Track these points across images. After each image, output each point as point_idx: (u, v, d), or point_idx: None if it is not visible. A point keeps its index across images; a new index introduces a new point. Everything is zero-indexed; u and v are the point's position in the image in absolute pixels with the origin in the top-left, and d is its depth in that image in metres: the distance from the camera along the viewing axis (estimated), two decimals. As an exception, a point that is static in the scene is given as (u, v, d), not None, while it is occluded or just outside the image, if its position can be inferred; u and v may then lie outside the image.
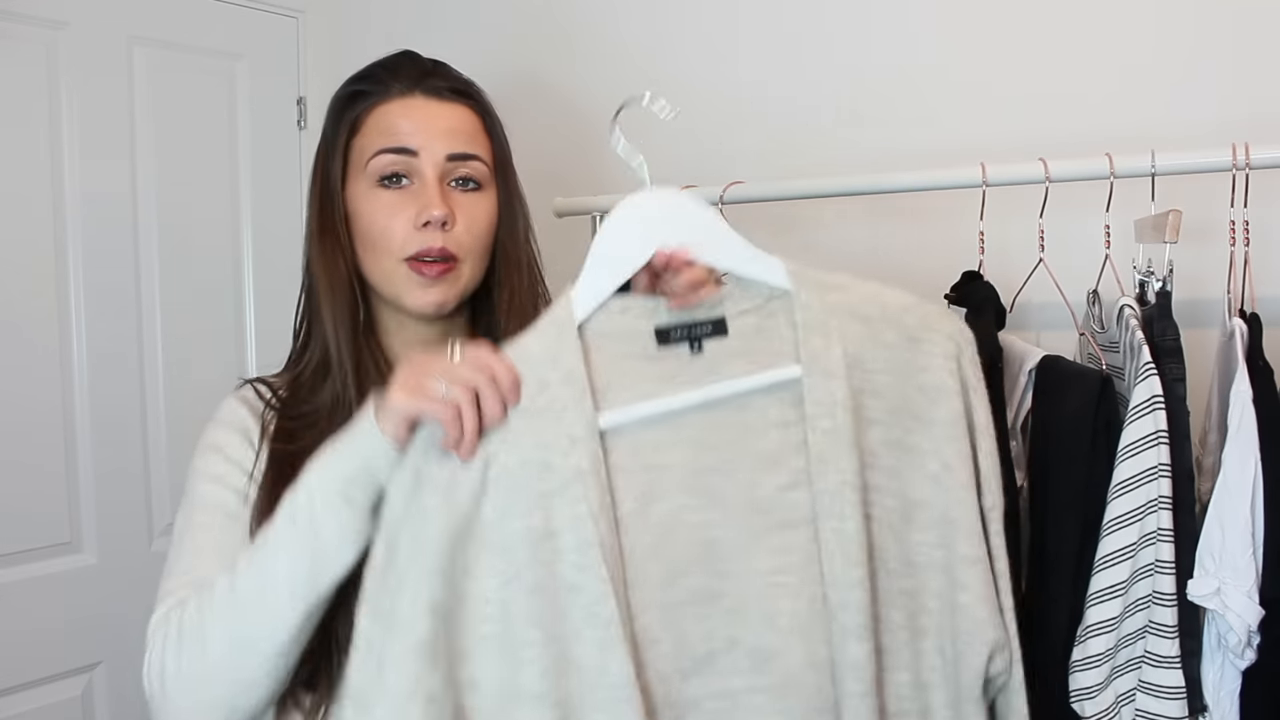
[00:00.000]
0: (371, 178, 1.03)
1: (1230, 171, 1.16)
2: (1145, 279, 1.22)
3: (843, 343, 0.86)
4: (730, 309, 0.87)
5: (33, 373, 1.76)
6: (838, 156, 1.68)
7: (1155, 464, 1.07)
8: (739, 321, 0.87)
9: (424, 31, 2.07)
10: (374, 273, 1.05)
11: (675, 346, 0.86)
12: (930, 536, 0.87)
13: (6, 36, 1.72)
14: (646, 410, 0.84)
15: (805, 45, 1.72)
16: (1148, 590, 1.09)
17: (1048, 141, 1.40)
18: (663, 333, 0.86)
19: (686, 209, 0.88)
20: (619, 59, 1.89)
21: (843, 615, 0.82)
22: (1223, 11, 1.40)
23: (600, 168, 1.88)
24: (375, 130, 1.04)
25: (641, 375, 0.85)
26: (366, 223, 1.03)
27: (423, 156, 1.03)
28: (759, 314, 0.88)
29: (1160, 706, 1.08)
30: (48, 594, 1.77)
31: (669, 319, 0.86)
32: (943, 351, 0.87)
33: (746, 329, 0.87)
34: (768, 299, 0.88)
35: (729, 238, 0.88)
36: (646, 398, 0.84)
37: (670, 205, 0.88)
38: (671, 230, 0.86)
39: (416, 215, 1.01)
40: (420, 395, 0.81)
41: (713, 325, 0.86)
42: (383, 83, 1.06)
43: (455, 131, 1.05)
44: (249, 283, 2.06)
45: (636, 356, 0.86)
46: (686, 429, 0.85)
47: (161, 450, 1.91)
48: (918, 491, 0.87)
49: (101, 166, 1.84)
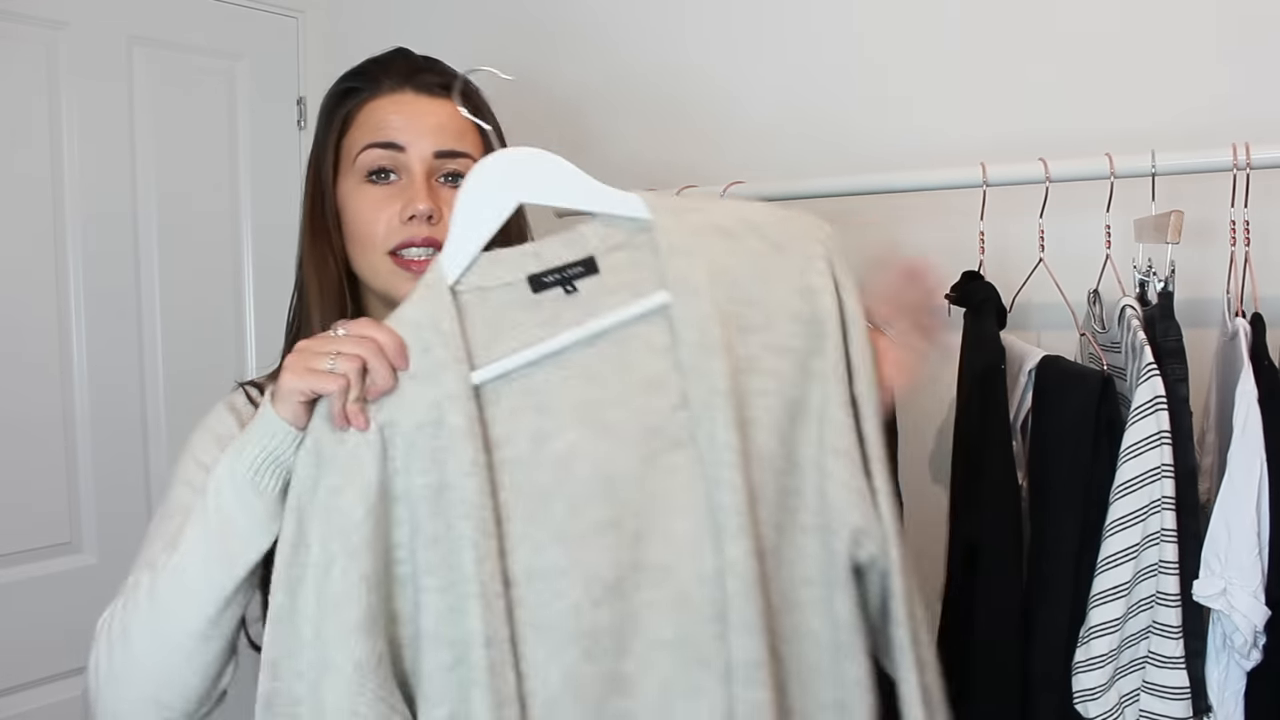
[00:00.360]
0: (360, 173, 1.04)
1: (1231, 171, 1.16)
2: (1146, 279, 1.22)
3: (708, 257, 0.89)
4: (598, 246, 0.91)
5: (33, 372, 1.76)
6: (837, 156, 1.68)
7: (1158, 465, 1.07)
8: (609, 258, 0.91)
9: (424, 31, 2.07)
10: (362, 268, 1.05)
11: (550, 290, 0.90)
12: (809, 433, 0.89)
13: (6, 36, 1.72)
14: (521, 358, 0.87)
15: (805, 46, 1.72)
16: (1151, 591, 1.09)
17: (1048, 141, 1.40)
18: (535, 279, 0.89)
19: (540, 161, 0.92)
20: (617, 58, 1.89)
21: (720, 517, 0.84)
22: (1223, 12, 1.40)
23: (599, 167, 1.88)
24: (365, 126, 1.05)
25: (522, 323, 0.88)
26: (353, 217, 1.04)
27: (410, 152, 1.03)
28: (627, 249, 0.91)
29: (1164, 707, 1.08)
30: (48, 594, 1.77)
31: (539, 266, 0.90)
32: (807, 253, 0.90)
33: (618, 264, 0.90)
34: (633, 232, 0.91)
35: (585, 182, 0.92)
36: (530, 344, 0.87)
37: (524, 159, 0.92)
38: (529, 182, 0.92)
39: (402, 209, 1.02)
40: (308, 374, 0.84)
41: (583, 265, 0.90)
42: (374, 79, 1.06)
43: (444, 128, 1.05)
44: (249, 283, 2.05)
45: (516, 305, 0.89)
46: (573, 366, 0.88)
47: (161, 451, 1.91)
48: (798, 390, 0.88)
49: (101, 166, 1.84)
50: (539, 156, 0.92)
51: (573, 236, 0.91)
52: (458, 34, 2.04)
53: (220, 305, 2.02)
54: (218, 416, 1.05)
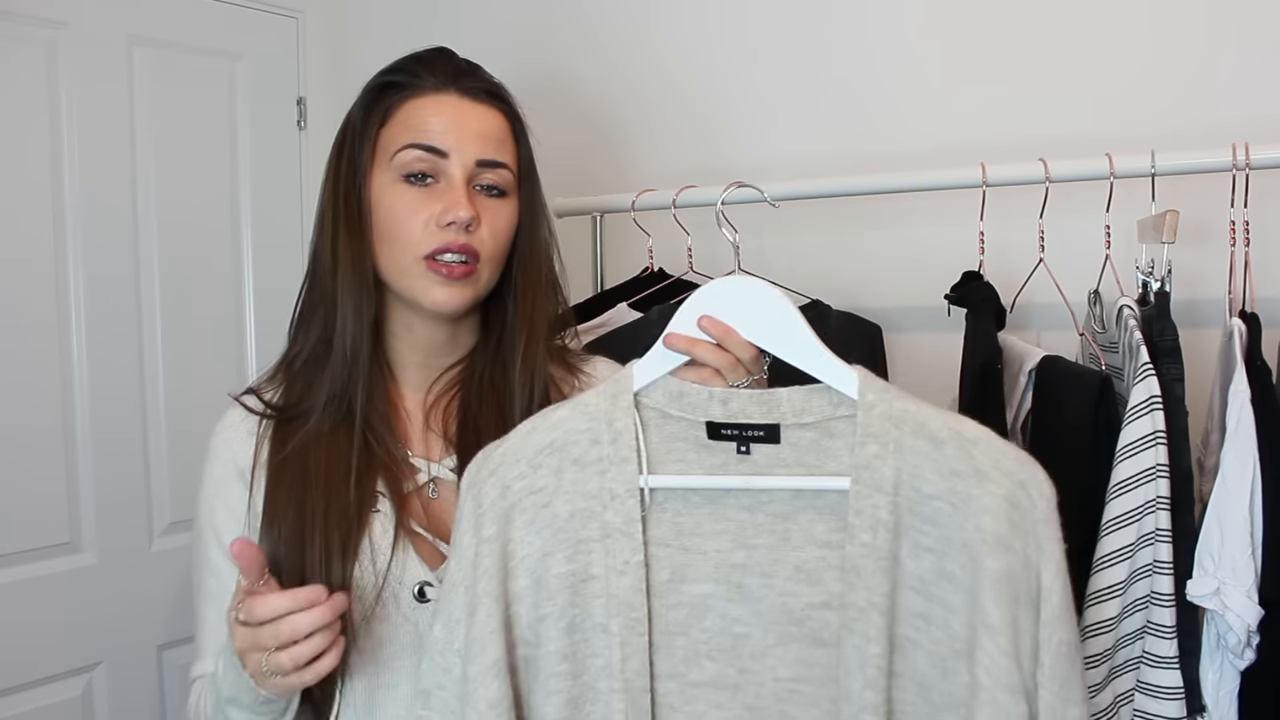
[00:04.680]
0: (396, 171, 1.02)
1: (1230, 172, 1.15)
2: (1147, 279, 1.22)
3: (899, 457, 0.82)
4: (788, 417, 0.85)
5: (33, 373, 1.76)
6: (837, 156, 1.68)
7: (1153, 464, 1.07)
8: (795, 433, 0.85)
9: (424, 31, 2.06)
10: (388, 267, 1.03)
11: (725, 444, 0.86)
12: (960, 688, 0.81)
13: (6, 36, 1.72)
14: (687, 481, 0.86)
15: (803, 45, 1.72)
16: (1146, 591, 1.08)
17: (1048, 141, 1.40)
18: (714, 427, 0.86)
19: (766, 300, 0.87)
20: (619, 59, 1.89)
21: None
22: (1223, 12, 1.40)
23: (599, 168, 1.89)
24: (405, 124, 1.03)
25: (688, 461, 0.87)
26: (386, 216, 1.02)
27: (452, 159, 1.02)
28: (818, 430, 0.85)
29: (1158, 707, 1.08)
30: (48, 594, 1.77)
31: (723, 415, 0.86)
32: (1007, 496, 0.79)
33: (801, 442, 0.85)
34: (831, 417, 0.85)
35: (807, 337, 0.86)
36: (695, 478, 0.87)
37: (750, 293, 0.88)
38: (744, 318, 0.87)
39: (441, 214, 1.00)
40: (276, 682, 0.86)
41: (765, 430, 0.85)
42: (417, 75, 1.04)
43: (486, 136, 1.04)
44: (249, 283, 2.05)
45: (690, 443, 0.87)
46: (728, 522, 0.86)
47: (161, 450, 1.91)
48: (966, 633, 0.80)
49: (101, 166, 1.84)
50: (769, 295, 0.88)
51: (767, 397, 0.86)
52: (458, 34, 2.04)
53: (220, 305, 2.02)
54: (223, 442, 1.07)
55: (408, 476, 1.05)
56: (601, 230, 1.70)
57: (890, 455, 0.82)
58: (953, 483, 0.80)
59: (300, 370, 1.07)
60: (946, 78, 1.60)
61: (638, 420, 0.87)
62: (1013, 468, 0.80)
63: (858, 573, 0.82)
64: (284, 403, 1.06)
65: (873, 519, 0.81)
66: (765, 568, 0.85)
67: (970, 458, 0.80)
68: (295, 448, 1.02)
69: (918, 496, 0.81)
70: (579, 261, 1.74)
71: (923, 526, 0.81)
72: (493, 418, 1.05)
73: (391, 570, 0.99)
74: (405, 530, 1.01)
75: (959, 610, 0.80)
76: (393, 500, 1.02)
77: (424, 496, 1.06)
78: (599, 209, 1.65)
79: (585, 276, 1.71)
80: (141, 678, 1.90)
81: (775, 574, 0.85)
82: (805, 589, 0.84)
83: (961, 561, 0.80)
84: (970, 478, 0.80)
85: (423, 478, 1.06)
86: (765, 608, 0.85)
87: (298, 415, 1.04)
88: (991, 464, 0.80)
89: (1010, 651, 0.77)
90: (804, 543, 0.85)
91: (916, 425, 0.82)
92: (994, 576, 0.78)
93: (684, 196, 1.48)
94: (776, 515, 0.85)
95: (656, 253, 1.61)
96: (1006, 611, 0.78)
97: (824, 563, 0.84)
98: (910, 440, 0.82)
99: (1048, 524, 0.79)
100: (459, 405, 1.09)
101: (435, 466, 1.06)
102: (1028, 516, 0.79)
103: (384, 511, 1.02)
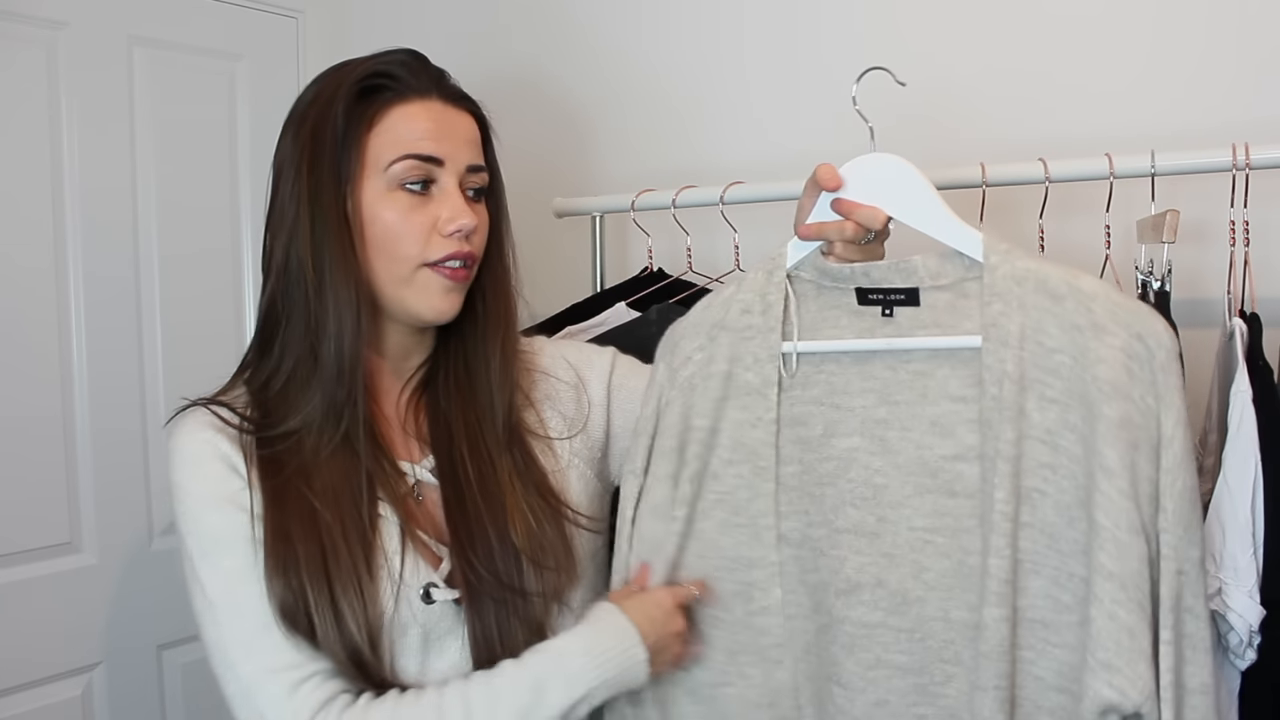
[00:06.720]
0: (392, 180, 1.01)
1: (1230, 172, 1.15)
2: (1147, 279, 1.22)
3: (1023, 313, 0.88)
4: (925, 281, 0.94)
5: (33, 372, 1.75)
6: (836, 156, 1.67)
7: (1155, 464, 1.07)
8: (932, 295, 0.94)
9: (424, 32, 2.07)
10: (382, 276, 1.03)
11: (871, 308, 0.96)
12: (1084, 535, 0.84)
13: (6, 36, 1.72)
14: (836, 346, 0.96)
15: (803, 47, 1.72)
16: (1147, 590, 1.08)
17: (1047, 141, 1.40)
18: (861, 293, 0.96)
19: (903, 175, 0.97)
20: (618, 59, 1.88)
21: (985, 581, 0.86)
22: (1223, 12, 1.40)
23: (599, 168, 1.89)
24: (395, 132, 1.01)
25: (841, 326, 0.97)
26: (381, 226, 1.01)
27: (447, 166, 1.02)
28: (953, 292, 0.93)
29: (1160, 707, 1.08)
30: (48, 594, 1.77)
31: (868, 283, 0.96)
32: (1124, 348, 0.84)
33: (939, 303, 0.94)
34: (963, 278, 0.93)
35: (938, 208, 0.95)
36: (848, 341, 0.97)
37: (888, 170, 0.98)
38: (888, 192, 0.97)
39: (445, 222, 1.01)
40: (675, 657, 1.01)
41: (905, 294, 0.95)
42: (399, 79, 1.03)
43: (473, 142, 1.06)
44: (249, 282, 2.05)
45: (840, 309, 0.98)
46: (873, 380, 0.94)
47: (161, 451, 1.90)
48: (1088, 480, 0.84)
49: (101, 166, 1.84)
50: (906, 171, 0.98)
51: (903, 265, 0.95)
52: (458, 34, 2.04)
53: (220, 305, 2.02)
54: (200, 442, 1.03)
55: (400, 482, 1.06)
56: (601, 230, 1.70)
57: (1014, 312, 0.88)
58: (1073, 336, 0.86)
59: (281, 390, 1.04)
60: (944, 77, 1.60)
61: (790, 292, 0.98)
62: (1130, 319, 0.85)
63: (988, 425, 0.87)
64: (261, 418, 1.04)
65: (999, 373, 0.87)
66: (904, 422, 0.92)
67: (1089, 311, 0.86)
68: (294, 470, 1.00)
69: (1041, 350, 0.87)
70: (579, 261, 1.75)
71: (1047, 379, 0.87)
72: (462, 413, 1.07)
73: (404, 577, 1.00)
74: (411, 536, 1.02)
75: (1082, 460, 0.85)
76: (395, 508, 1.02)
77: (413, 500, 1.06)
78: (597, 209, 1.65)
79: (585, 276, 1.71)
80: (141, 678, 1.89)
81: (913, 427, 0.92)
82: (940, 441, 0.91)
83: (1082, 412, 0.85)
84: (1088, 331, 0.86)
85: (410, 480, 1.07)
86: (904, 459, 0.92)
87: (285, 435, 1.02)
88: (1109, 317, 0.85)
89: (1129, 493, 0.82)
90: (939, 398, 0.91)
91: (1038, 282, 0.89)
92: (1110, 423, 0.83)
93: (684, 196, 1.48)
94: (916, 373, 0.93)
95: (654, 253, 1.61)
96: (1124, 455, 0.82)
97: (957, 416, 0.90)
98: (1032, 297, 0.88)
99: (1167, 373, 0.84)
100: (428, 404, 1.10)
101: (418, 469, 1.07)
102: (1145, 366, 0.83)
103: (387, 518, 1.02)
